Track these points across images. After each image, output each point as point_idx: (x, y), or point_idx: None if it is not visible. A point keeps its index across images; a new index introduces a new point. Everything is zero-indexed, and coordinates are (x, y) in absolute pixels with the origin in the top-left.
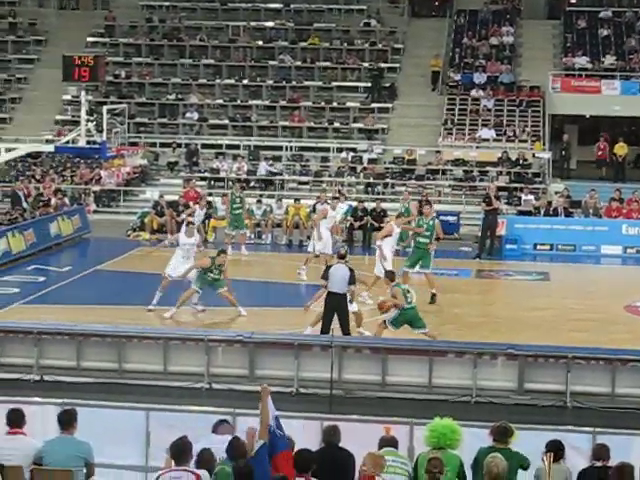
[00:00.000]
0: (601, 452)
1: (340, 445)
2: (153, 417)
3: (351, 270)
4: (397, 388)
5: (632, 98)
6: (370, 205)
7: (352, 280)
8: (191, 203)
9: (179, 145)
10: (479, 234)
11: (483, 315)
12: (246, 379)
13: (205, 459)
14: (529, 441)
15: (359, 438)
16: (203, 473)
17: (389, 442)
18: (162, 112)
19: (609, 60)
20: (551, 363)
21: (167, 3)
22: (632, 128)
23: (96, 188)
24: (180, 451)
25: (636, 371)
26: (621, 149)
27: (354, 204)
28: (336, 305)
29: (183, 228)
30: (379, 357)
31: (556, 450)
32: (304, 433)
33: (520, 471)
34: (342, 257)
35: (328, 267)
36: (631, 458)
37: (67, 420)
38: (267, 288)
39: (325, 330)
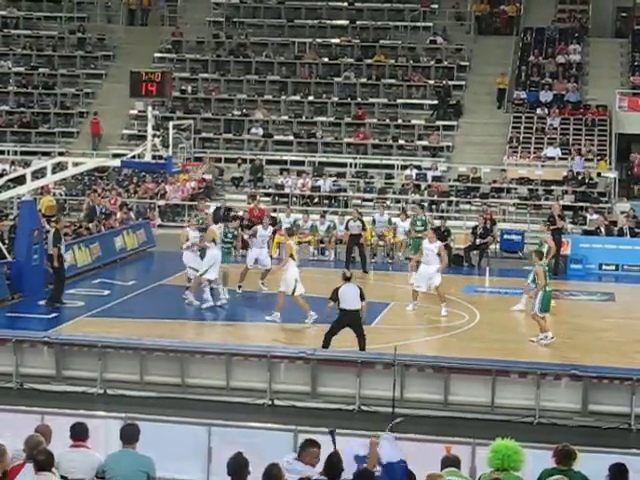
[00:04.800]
0: None
1: None
2: (215, 433)
3: (360, 288)
4: (459, 407)
5: None
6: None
7: (363, 296)
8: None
9: (244, 161)
10: None
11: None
12: (308, 396)
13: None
14: (592, 464)
15: (421, 457)
16: None
17: (452, 462)
18: (227, 128)
19: None
20: (616, 385)
21: (234, 19)
22: None
23: (161, 202)
24: (236, 467)
25: None
26: None
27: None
28: (351, 320)
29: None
30: (441, 376)
31: (619, 473)
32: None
33: None
34: (347, 279)
35: (336, 289)
36: None
37: (130, 434)
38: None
39: (326, 343)
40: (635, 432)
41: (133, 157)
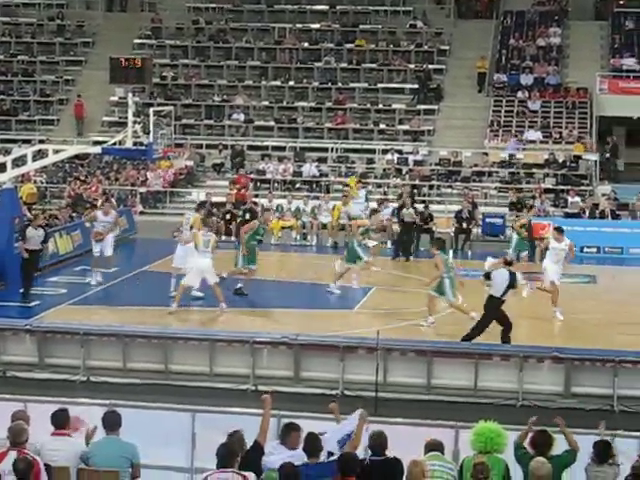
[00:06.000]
0: None
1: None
2: (198, 419)
3: (512, 274)
4: (442, 391)
5: None
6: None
7: (511, 284)
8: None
9: (225, 147)
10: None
11: (529, 318)
12: (291, 381)
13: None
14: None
15: (404, 441)
16: (250, 475)
17: (435, 446)
18: (208, 114)
19: None
20: (598, 367)
21: (213, 5)
22: None
23: (142, 189)
24: (227, 454)
25: None
26: None
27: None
28: (486, 307)
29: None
30: (424, 360)
31: (603, 448)
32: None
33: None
34: (509, 263)
35: (489, 272)
36: None
37: (112, 421)
38: (313, 290)
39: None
40: (618, 413)
41: (114, 144)
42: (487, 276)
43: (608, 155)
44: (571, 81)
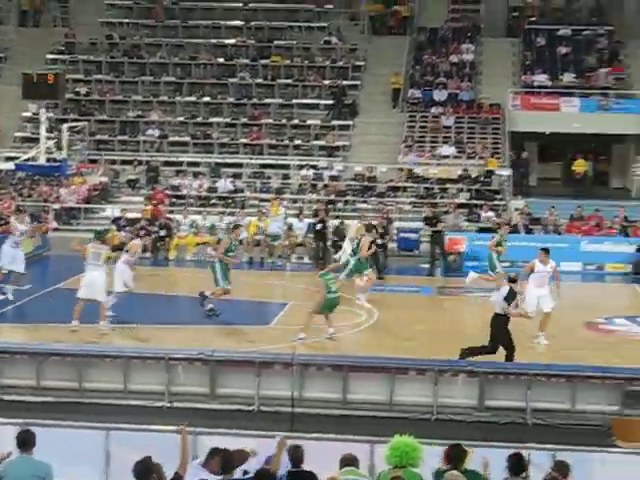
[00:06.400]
0: (561, 469)
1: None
2: (113, 436)
3: (510, 290)
4: (358, 406)
5: (591, 115)
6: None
7: (508, 299)
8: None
9: (140, 162)
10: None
11: (444, 332)
12: (207, 397)
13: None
14: (490, 459)
15: (319, 457)
16: None
17: (350, 461)
18: (123, 129)
19: (568, 77)
20: (512, 380)
21: (127, 20)
22: (592, 145)
23: (56, 206)
24: (143, 471)
25: (596, 388)
26: (580, 166)
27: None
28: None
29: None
30: (340, 375)
31: (517, 461)
32: (263, 452)
33: None
34: (513, 281)
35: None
36: (592, 474)
37: (25, 440)
38: (228, 305)
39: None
40: (531, 426)
41: (27, 160)
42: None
43: (521, 170)
44: (484, 97)
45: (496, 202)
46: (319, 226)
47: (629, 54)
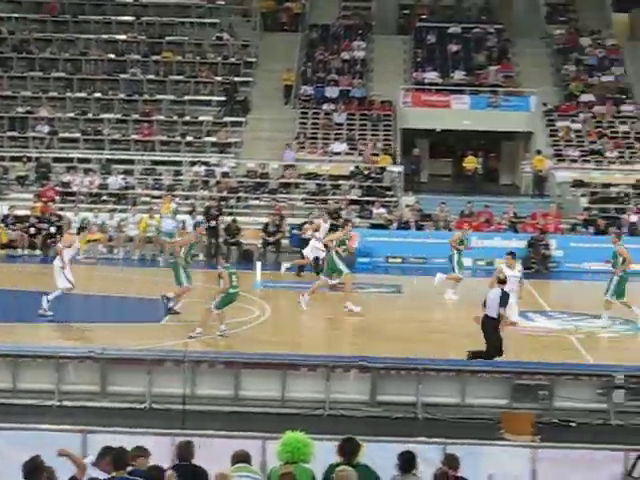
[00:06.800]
0: (451, 462)
1: (193, 461)
2: (2, 436)
3: (504, 293)
4: (250, 402)
5: (481, 113)
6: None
7: (503, 303)
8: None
9: (29, 159)
10: None
11: (337, 328)
12: (98, 395)
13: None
14: (381, 453)
15: (212, 453)
16: None
17: (242, 457)
18: (12, 125)
19: (458, 75)
20: (403, 375)
21: (16, 15)
22: (482, 142)
23: None
24: (32, 470)
25: (484, 382)
26: (470, 163)
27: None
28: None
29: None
30: (232, 371)
31: (408, 460)
32: (156, 449)
33: None
34: (502, 282)
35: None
36: (481, 467)
37: None
38: (119, 303)
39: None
40: (422, 420)
41: None
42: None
43: (412, 167)
44: (375, 94)
45: (388, 199)
46: (212, 223)
47: (518, 52)
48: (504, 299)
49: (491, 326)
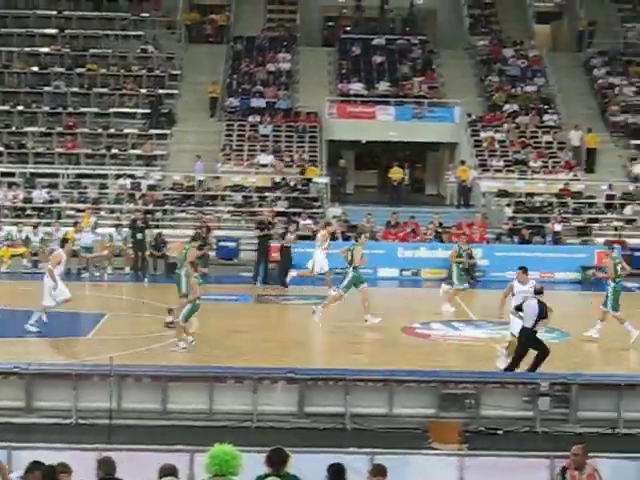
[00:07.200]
0: (378, 472)
1: (117, 476)
2: None
3: (541, 304)
4: (178, 415)
5: (406, 124)
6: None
7: (542, 314)
8: None
9: None
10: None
11: (263, 340)
12: (23, 411)
13: None
14: (310, 465)
15: (139, 467)
16: None
17: (169, 471)
18: None
19: (383, 86)
20: (330, 386)
21: None
22: (407, 153)
23: None
24: None
25: (411, 391)
26: (396, 174)
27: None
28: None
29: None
30: (159, 385)
31: (337, 472)
32: (81, 465)
33: None
34: (538, 292)
35: (521, 303)
36: (408, 476)
37: None
38: (47, 318)
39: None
40: (350, 431)
41: None
42: (519, 308)
43: (339, 178)
44: (301, 105)
45: (314, 210)
46: (139, 235)
47: (442, 64)
48: (542, 311)
49: (526, 337)
